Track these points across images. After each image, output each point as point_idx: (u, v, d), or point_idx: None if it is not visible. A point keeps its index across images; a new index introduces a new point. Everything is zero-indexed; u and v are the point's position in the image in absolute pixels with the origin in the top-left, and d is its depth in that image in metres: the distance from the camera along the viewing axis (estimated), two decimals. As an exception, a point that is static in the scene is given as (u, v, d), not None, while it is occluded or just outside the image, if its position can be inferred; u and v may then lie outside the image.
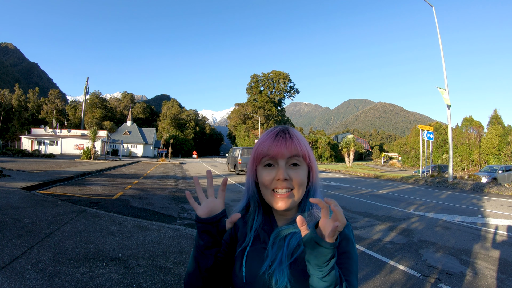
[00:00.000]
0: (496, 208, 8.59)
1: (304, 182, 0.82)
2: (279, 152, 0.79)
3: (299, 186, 0.80)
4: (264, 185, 0.81)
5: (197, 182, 0.84)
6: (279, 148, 0.79)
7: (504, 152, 31.75)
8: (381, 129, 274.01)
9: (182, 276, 2.98)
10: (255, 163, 0.85)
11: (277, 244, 0.81)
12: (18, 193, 6.65)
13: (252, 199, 0.90)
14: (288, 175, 0.79)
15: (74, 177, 11.63)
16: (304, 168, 0.82)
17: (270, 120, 72.34)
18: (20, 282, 2.55)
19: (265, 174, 0.81)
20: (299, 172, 0.80)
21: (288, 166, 0.80)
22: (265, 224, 0.87)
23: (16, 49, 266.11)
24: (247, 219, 0.90)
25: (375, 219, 6.59)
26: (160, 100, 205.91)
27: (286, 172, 0.79)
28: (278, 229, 0.83)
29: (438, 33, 17.39)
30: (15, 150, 28.81)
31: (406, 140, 49.64)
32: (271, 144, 0.80)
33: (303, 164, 0.82)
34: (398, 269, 3.66)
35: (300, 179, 0.80)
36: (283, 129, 0.84)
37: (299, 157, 0.81)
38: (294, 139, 0.81)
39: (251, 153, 0.87)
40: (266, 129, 0.89)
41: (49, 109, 75.63)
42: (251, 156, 0.87)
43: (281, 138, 0.81)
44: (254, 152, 0.85)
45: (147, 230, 4.53)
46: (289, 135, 0.82)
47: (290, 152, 0.79)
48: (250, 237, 0.85)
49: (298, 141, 0.81)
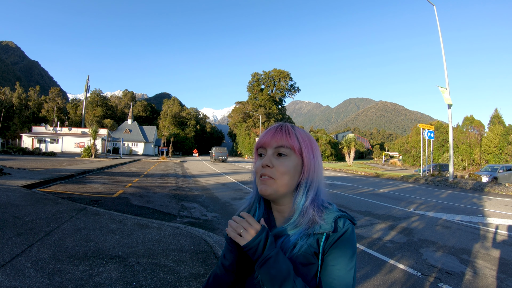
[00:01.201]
0: (496, 208, 8.58)
1: (288, 172, 0.81)
2: (266, 141, 0.85)
3: (282, 174, 0.81)
4: (255, 171, 0.87)
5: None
6: (267, 138, 0.86)
7: (505, 152, 31.68)
8: (381, 128, 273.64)
9: (182, 274, 2.98)
10: (256, 155, 0.91)
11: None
12: (18, 191, 6.66)
13: (254, 191, 0.94)
14: (271, 163, 0.82)
15: (75, 175, 11.65)
16: (291, 159, 0.83)
17: (270, 119, 72.29)
18: (20, 280, 2.56)
19: (257, 162, 0.87)
20: (284, 161, 0.83)
21: (275, 156, 0.84)
22: (265, 221, 0.89)
23: (17, 47, 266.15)
24: (249, 211, 0.93)
25: (375, 218, 6.59)
26: (161, 98, 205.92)
27: (270, 160, 0.83)
28: (273, 232, 0.85)
29: (439, 31, 17.32)
30: (15, 148, 28.85)
31: (407, 139, 49.53)
32: (263, 136, 0.88)
33: (292, 155, 0.83)
34: (398, 268, 3.65)
35: (283, 168, 0.82)
36: (279, 124, 0.89)
37: (286, 148, 0.83)
38: (283, 131, 0.85)
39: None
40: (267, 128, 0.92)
41: (50, 107, 75.69)
42: (253, 150, 0.93)
43: (272, 130, 0.87)
44: (255, 146, 0.91)
45: (147, 228, 4.53)
46: (280, 128, 0.87)
47: (276, 141, 0.84)
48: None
49: (288, 133, 0.85)
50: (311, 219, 0.80)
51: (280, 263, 0.73)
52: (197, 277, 2.94)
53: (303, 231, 0.79)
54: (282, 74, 79.15)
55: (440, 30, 17.29)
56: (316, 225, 0.79)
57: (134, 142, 57.96)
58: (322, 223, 0.79)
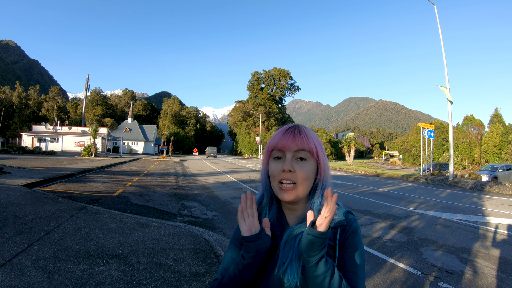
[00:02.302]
0: (496, 207, 8.58)
1: (309, 177, 0.84)
2: (286, 144, 0.84)
3: (304, 180, 0.83)
4: (272, 176, 0.86)
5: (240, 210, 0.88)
6: (287, 141, 0.84)
7: (505, 151, 31.66)
8: (382, 127, 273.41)
9: (182, 273, 2.98)
10: (267, 156, 0.90)
11: (289, 244, 0.84)
12: (18, 190, 6.66)
13: (266, 191, 0.93)
14: (293, 168, 0.82)
15: (75, 174, 11.65)
16: (310, 163, 0.85)
17: (271, 118, 72.24)
18: (21, 279, 2.56)
19: (273, 166, 0.86)
20: (305, 166, 0.84)
21: (294, 160, 0.84)
22: (277, 220, 0.90)
23: (17, 46, 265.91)
24: (260, 211, 0.93)
25: (375, 217, 6.59)
26: (161, 97, 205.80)
27: (292, 165, 0.83)
28: (291, 229, 0.86)
29: (439, 31, 17.29)
30: (16, 147, 28.84)
31: (407, 138, 49.49)
32: (280, 138, 0.86)
33: (310, 159, 0.85)
34: (398, 267, 3.66)
35: (304, 173, 0.83)
36: (294, 126, 0.89)
37: (306, 151, 0.84)
38: (302, 134, 0.85)
39: (265, 148, 0.92)
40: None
41: (50, 106, 75.63)
42: (264, 150, 0.92)
43: (290, 133, 0.86)
44: (267, 146, 0.90)
45: (147, 227, 4.53)
46: (298, 130, 0.87)
47: (296, 145, 0.84)
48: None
49: (307, 136, 0.85)
50: None
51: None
52: (197, 276, 2.95)
53: None
54: (282, 73, 79.04)
55: (440, 29, 17.26)
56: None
57: (134, 141, 57.98)
58: (335, 217, 0.85)
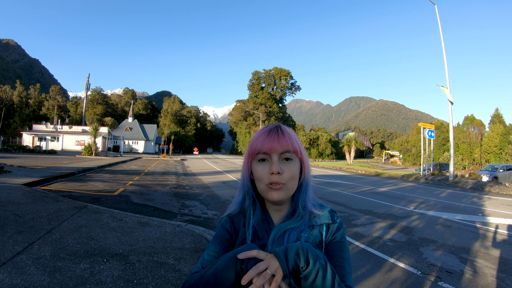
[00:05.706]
0: (496, 207, 8.58)
1: (295, 176, 0.86)
2: (272, 147, 0.83)
3: (291, 179, 0.84)
4: (259, 179, 0.85)
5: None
6: (272, 143, 0.84)
7: (505, 151, 31.60)
8: (382, 127, 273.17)
9: (182, 272, 2.99)
10: (250, 159, 0.89)
11: (277, 242, 0.84)
12: (19, 189, 6.67)
13: (248, 194, 0.93)
14: (281, 169, 0.83)
15: (75, 173, 11.66)
16: (295, 163, 0.86)
17: (271, 117, 72.22)
18: (21, 278, 2.56)
19: (260, 169, 0.85)
20: (291, 166, 0.85)
21: (281, 161, 0.84)
22: (262, 220, 0.90)
23: (17, 45, 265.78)
24: (243, 212, 0.94)
25: (375, 216, 6.59)
26: (162, 97, 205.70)
27: (279, 166, 0.83)
28: (278, 227, 0.86)
29: (440, 31, 17.26)
30: (16, 146, 28.88)
31: (407, 138, 49.45)
32: (265, 140, 0.85)
33: (295, 159, 0.86)
34: (398, 267, 3.66)
35: (291, 173, 0.84)
36: (275, 126, 0.88)
37: (291, 152, 0.85)
38: (286, 135, 0.86)
39: (246, 150, 0.91)
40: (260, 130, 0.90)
41: (50, 105, 75.67)
42: (246, 153, 0.91)
43: (274, 134, 0.85)
44: (249, 149, 0.88)
45: (148, 226, 4.54)
46: (281, 131, 0.87)
47: (282, 147, 0.84)
48: (249, 234, 0.87)
49: (290, 137, 0.86)
50: (311, 212, 0.89)
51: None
52: (197, 275, 2.95)
53: (307, 223, 0.87)
54: (282, 72, 78.98)
55: (441, 29, 17.23)
56: (315, 218, 0.88)
57: (135, 140, 57.97)
58: (320, 214, 0.88)
